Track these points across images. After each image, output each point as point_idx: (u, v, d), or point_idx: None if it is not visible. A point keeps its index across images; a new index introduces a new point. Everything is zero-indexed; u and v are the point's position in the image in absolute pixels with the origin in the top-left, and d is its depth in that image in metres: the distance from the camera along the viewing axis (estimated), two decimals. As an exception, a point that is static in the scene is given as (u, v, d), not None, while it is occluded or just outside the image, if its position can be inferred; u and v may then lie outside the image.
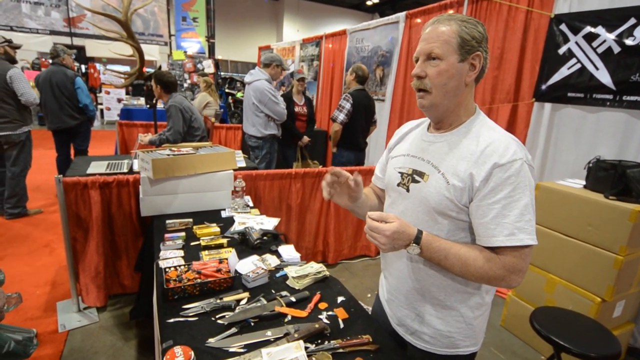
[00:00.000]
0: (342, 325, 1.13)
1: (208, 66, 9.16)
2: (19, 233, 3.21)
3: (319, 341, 1.04)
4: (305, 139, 3.69)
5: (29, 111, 3.49)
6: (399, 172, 1.02)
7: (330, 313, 1.19)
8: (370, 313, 1.24)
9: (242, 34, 15.78)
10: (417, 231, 0.88)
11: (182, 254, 1.51)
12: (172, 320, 1.12)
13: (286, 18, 16.27)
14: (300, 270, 1.38)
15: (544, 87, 2.57)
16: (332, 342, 1.03)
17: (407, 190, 0.98)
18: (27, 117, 3.47)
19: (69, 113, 3.79)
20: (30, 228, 3.33)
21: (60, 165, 3.96)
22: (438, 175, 0.91)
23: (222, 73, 11.25)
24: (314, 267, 1.41)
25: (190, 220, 1.80)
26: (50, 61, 3.88)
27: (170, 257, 1.48)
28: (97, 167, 2.18)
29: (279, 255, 1.55)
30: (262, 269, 1.37)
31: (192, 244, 1.62)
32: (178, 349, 0.95)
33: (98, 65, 9.58)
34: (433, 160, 0.94)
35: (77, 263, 2.03)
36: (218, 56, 10.58)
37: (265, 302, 1.22)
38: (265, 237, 1.70)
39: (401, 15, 4.03)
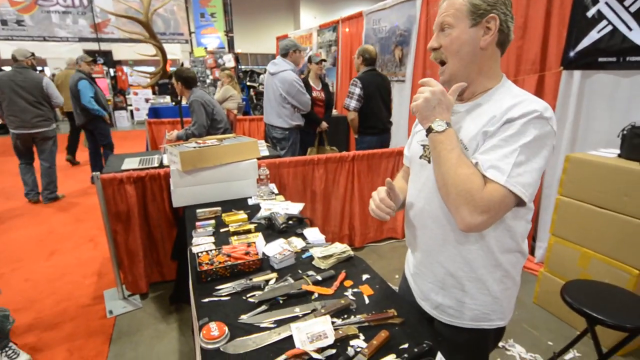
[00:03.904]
0: (367, 301, 1.16)
1: (228, 60, 9.27)
2: (66, 230, 3.47)
3: (345, 316, 1.08)
4: (324, 124, 3.70)
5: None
6: (422, 145, 1.03)
7: (355, 290, 1.22)
8: (397, 291, 1.26)
9: (260, 26, 15.80)
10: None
11: (213, 240, 1.60)
12: (206, 299, 1.20)
13: (302, 5, 16.09)
14: (325, 250, 1.42)
15: (572, 54, 2.44)
16: (357, 316, 1.07)
17: (429, 161, 0.98)
18: (54, 116, 4.08)
19: (77, 112, 4.36)
20: (76, 224, 3.58)
21: (92, 158, 4.59)
22: None
23: (242, 66, 11.37)
24: (339, 248, 1.45)
25: (219, 208, 1.88)
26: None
27: (202, 244, 1.57)
28: (130, 163, 2.33)
29: (304, 238, 1.60)
30: (289, 250, 1.43)
31: (222, 230, 1.70)
32: (213, 325, 1.02)
33: (125, 68, 9.93)
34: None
35: (119, 254, 2.18)
36: (238, 50, 10.68)
37: (292, 281, 1.27)
38: (290, 222, 1.75)
39: (418, -9, 3.91)
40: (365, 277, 1.31)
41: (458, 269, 0.98)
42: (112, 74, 9.52)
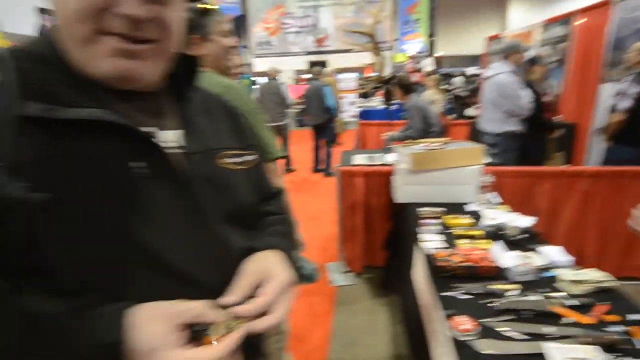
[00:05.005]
0: (641, 347, 0.99)
1: (428, 64, 9.31)
2: (297, 208, 4.31)
3: (616, 355, 0.96)
4: (559, 130, 3.26)
5: None
6: None
7: (621, 328, 1.06)
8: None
9: (462, 27, 15.01)
10: None
11: (440, 239, 1.68)
12: (446, 293, 1.28)
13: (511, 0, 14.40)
14: (578, 274, 1.29)
15: None
16: (634, 360, 0.93)
17: None
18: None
19: (320, 113, 5.29)
20: (303, 205, 4.36)
21: (315, 151, 5.61)
22: None
23: (441, 70, 11.18)
24: (595, 275, 1.28)
25: (442, 209, 1.95)
26: (310, 77, 5.68)
27: (430, 240, 1.68)
28: (359, 159, 2.70)
29: (541, 255, 1.49)
30: (529, 265, 1.37)
31: (446, 231, 1.76)
32: (464, 318, 1.09)
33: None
34: None
35: (344, 234, 2.57)
36: (438, 52, 10.56)
37: (540, 298, 1.21)
38: (523, 235, 1.66)
39: None
40: (633, 317, 1.12)
41: None
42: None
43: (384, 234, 2.54)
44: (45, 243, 0.44)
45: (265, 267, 0.58)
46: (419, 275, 1.65)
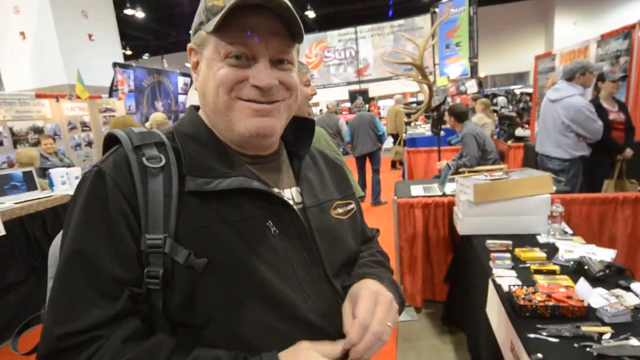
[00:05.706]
0: None
1: (471, 86, 9.15)
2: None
3: None
4: (629, 152, 3.03)
5: None
6: None
7: None
8: None
9: (504, 46, 14.74)
10: None
11: (515, 274, 1.61)
12: (531, 335, 1.21)
13: (558, 13, 13.94)
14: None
15: None
16: None
17: None
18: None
19: (372, 141, 5.21)
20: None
21: (361, 182, 5.47)
22: None
23: (485, 90, 10.91)
24: None
25: (510, 242, 1.87)
26: (355, 108, 5.75)
27: (504, 276, 1.61)
28: (417, 190, 2.67)
29: (633, 293, 1.37)
30: (621, 304, 1.27)
31: (520, 266, 1.68)
32: (558, 364, 1.02)
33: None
34: None
35: (402, 268, 2.52)
36: (481, 73, 10.35)
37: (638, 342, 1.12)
38: (607, 270, 1.54)
39: None
40: None
41: None
42: (367, 108, 11.25)
43: (444, 267, 2.46)
44: (199, 300, 0.50)
45: (356, 292, 0.61)
46: (494, 312, 1.58)
